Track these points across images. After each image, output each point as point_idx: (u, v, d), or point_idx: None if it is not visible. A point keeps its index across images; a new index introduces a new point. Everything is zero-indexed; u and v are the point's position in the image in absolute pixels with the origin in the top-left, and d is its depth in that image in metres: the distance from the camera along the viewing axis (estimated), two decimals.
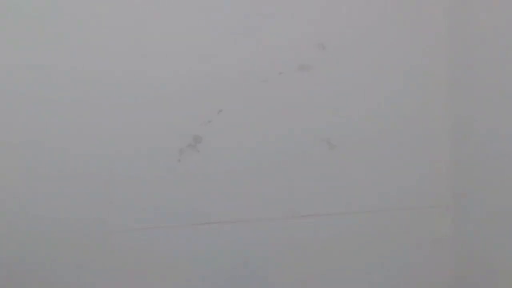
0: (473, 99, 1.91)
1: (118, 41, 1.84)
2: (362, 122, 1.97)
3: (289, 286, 1.97)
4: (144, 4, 1.85)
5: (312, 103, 1.94)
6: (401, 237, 2.03)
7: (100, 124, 1.85)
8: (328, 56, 1.94)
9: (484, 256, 1.91)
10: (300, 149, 1.95)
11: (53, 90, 1.82)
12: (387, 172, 2.01)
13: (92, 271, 1.87)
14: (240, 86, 1.91)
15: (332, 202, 1.98)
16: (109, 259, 1.87)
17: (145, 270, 1.89)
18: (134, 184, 1.87)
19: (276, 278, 1.96)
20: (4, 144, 1.81)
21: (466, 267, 1.99)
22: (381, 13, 1.96)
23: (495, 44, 1.81)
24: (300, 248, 1.97)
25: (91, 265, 1.86)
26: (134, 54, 1.85)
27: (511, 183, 1.78)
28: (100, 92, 1.84)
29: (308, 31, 1.92)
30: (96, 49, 1.83)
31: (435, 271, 2.05)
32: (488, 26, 1.83)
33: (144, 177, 1.87)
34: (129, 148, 1.87)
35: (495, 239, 1.85)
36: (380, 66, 1.97)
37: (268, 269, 1.96)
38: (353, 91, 1.97)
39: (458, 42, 1.95)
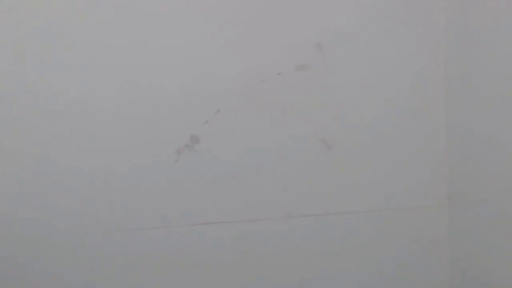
0: (469, 100, 1.92)
1: (116, 39, 1.84)
2: (360, 123, 1.98)
3: (288, 286, 1.97)
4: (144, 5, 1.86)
5: (310, 103, 1.94)
6: (397, 237, 2.03)
7: (97, 125, 1.84)
8: (326, 56, 1.94)
9: (479, 257, 1.92)
10: (297, 149, 1.95)
11: (53, 89, 1.81)
12: (383, 172, 2.01)
13: (91, 271, 1.86)
14: (238, 86, 1.91)
15: (329, 202, 1.98)
16: (108, 259, 1.86)
17: (143, 271, 1.88)
18: (132, 185, 1.86)
19: (275, 277, 1.96)
20: (3, 147, 1.80)
21: (461, 267, 2.00)
22: (378, 14, 1.96)
23: (491, 48, 1.81)
24: (298, 248, 1.97)
25: (89, 265, 1.86)
26: (133, 54, 1.85)
27: (506, 184, 1.79)
28: (98, 94, 1.83)
29: (306, 31, 1.92)
30: (95, 56, 1.83)
31: (431, 271, 2.05)
32: (485, 29, 1.83)
33: (142, 178, 1.87)
34: (126, 149, 1.86)
35: (491, 240, 1.86)
36: (377, 67, 1.98)
37: (267, 269, 1.96)
38: (350, 91, 1.97)
39: (456, 44, 1.95)
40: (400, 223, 2.03)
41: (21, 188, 1.81)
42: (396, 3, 1.97)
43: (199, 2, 1.87)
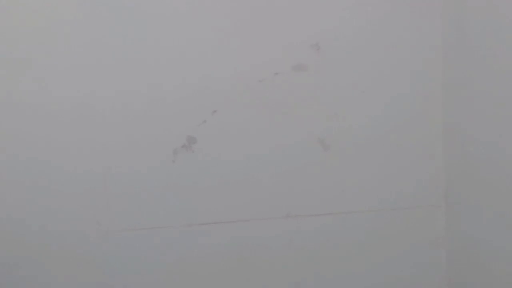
0: (467, 101, 1.92)
1: (113, 40, 1.84)
2: (357, 123, 1.98)
3: (286, 286, 1.97)
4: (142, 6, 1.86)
5: (307, 103, 1.94)
6: (394, 237, 2.03)
7: (94, 127, 1.84)
8: (323, 57, 1.94)
9: (477, 256, 1.92)
10: (295, 149, 1.95)
11: (50, 91, 1.81)
12: (380, 172, 2.02)
13: (90, 272, 1.85)
14: (235, 86, 1.91)
15: (327, 202, 1.98)
16: (106, 260, 1.86)
17: (141, 271, 1.88)
18: (130, 186, 1.86)
19: (274, 277, 1.96)
20: (1, 149, 1.80)
21: (459, 266, 2.00)
22: (376, 15, 1.97)
23: (488, 50, 1.82)
24: (296, 248, 1.97)
25: (88, 266, 1.85)
26: (129, 54, 1.85)
27: (502, 184, 1.79)
28: (95, 95, 1.83)
29: (304, 31, 1.93)
30: (93, 57, 1.83)
31: (429, 270, 2.05)
32: (483, 31, 1.83)
33: (139, 178, 1.87)
34: (123, 150, 1.86)
35: (487, 239, 1.86)
36: (375, 67, 1.98)
37: (265, 269, 1.95)
38: (348, 92, 1.97)
39: (453, 44, 1.95)
40: (398, 223, 2.03)
41: (20, 191, 1.81)
42: (393, 4, 1.97)
43: (197, 3, 1.87)
